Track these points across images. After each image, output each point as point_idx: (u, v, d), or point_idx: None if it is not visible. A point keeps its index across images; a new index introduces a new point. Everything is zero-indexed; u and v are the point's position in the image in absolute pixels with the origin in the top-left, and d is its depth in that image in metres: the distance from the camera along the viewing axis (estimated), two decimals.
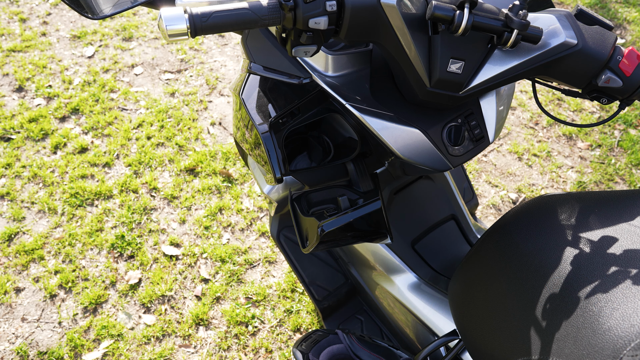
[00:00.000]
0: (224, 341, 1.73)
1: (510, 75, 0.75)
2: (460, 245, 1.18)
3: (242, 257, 1.97)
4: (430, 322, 1.05)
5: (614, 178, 2.31)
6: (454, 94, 0.75)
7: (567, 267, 0.69)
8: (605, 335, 0.58)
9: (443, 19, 0.67)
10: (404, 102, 0.82)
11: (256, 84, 0.96)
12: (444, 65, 0.71)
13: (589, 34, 0.73)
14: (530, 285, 0.72)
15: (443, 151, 0.82)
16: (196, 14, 0.63)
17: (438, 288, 1.09)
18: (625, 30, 3.12)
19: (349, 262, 1.31)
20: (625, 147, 2.44)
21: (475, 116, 0.83)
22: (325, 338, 1.04)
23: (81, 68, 2.75)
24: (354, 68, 0.84)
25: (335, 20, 0.68)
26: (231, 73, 2.78)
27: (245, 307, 1.82)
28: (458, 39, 0.71)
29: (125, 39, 2.95)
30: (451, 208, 1.19)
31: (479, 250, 0.86)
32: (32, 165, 2.24)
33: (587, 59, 0.72)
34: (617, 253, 0.67)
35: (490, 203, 2.20)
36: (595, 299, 0.62)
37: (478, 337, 0.79)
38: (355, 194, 0.92)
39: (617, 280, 0.63)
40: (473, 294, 0.83)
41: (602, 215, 0.74)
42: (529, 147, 2.44)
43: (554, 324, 0.65)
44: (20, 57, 2.78)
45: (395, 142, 0.80)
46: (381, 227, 0.89)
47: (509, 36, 0.69)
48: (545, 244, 0.74)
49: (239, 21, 0.65)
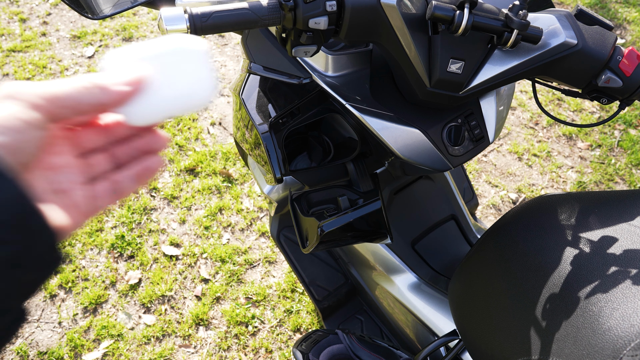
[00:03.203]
0: (224, 341, 1.73)
1: (510, 76, 0.74)
2: (460, 245, 1.18)
3: (242, 257, 1.97)
4: (430, 322, 1.05)
5: (614, 178, 2.31)
6: (454, 94, 0.75)
7: (567, 267, 0.69)
8: (605, 335, 0.58)
9: (443, 19, 0.67)
10: (404, 102, 0.82)
11: (256, 84, 0.96)
12: (444, 65, 0.71)
13: (589, 34, 0.73)
14: (530, 285, 0.71)
15: (443, 151, 0.82)
16: (196, 14, 0.63)
17: (438, 288, 1.09)
18: (625, 31, 3.12)
19: (349, 262, 1.31)
20: (625, 147, 2.44)
21: (475, 116, 0.83)
22: (325, 338, 1.04)
23: (81, 68, 2.74)
24: (354, 68, 0.84)
25: (335, 20, 0.68)
26: (231, 73, 2.77)
27: (245, 307, 1.82)
28: (458, 39, 0.71)
29: (126, 39, 2.94)
30: (451, 208, 1.19)
31: (479, 250, 0.86)
32: None
33: (587, 59, 0.72)
34: (617, 253, 0.67)
35: (490, 203, 2.20)
36: (595, 299, 0.62)
37: (478, 337, 0.79)
38: (355, 194, 0.92)
39: (617, 280, 0.63)
40: (473, 294, 0.83)
41: (602, 216, 0.74)
42: (529, 147, 2.44)
43: (554, 324, 0.65)
44: (20, 57, 2.77)
45: (395, 142, 0.80)
46: (381, 227, 0.89)
47: (509, 36, 0.68)
48: (545, 244, 0.74)
49: (239, 21, 0.65)
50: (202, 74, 0.41)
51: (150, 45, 0.40)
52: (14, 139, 0.33)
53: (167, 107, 0.41)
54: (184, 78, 0.40)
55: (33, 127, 0.35)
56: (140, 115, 0.40)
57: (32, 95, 0.35)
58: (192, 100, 0.41)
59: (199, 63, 0.41)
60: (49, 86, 0.36)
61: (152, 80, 0.39)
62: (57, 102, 0.36)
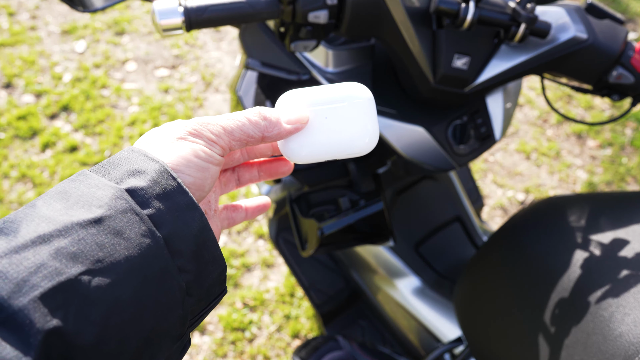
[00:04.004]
0: (220, 347, 1.69)
1: (518, 72, 0.73)
2: (465, 248, 1.17)
3: (239, 260, 1.93)
4: (435, 328, 1.04)
5: (626, 178, 2.27)
6: (459, 91, 0.73)
7: (577, 270, 0.67)
8: (616, 341, 0.56)
9: (448, 13, 0.65)
10: (407, 99, 0.81)
11: (253, 80, 0.94)
12: (449, 60, 0.70)
13: (599, 28, 0.71)
14: (539, 290, 0.70)
15: (448, 150, 0.80)
16: (191, 8, 0.62)
17: (442, 292, 1.08)
18: (637, 25, 3.07)
19: (350, 265, 1.29)
20: (637, 145, 2.40)
21: (481, 114, 0.82)
22: (325, 344, 1.03)
23: (71, 64, 2.67)
24: (356, 64, 0.83)
25: (335, 14, 0.67)
26: (227, 69, 2.73)
27: (242, 313, 1.78)
28: (463, 34, 0.69)
29: (118, 33, 2.87)
30: (456, 209, 1.17)
31: (485, 254, 0.85)
32: (21, 165, 2.18)
33: (597, 54, 0.71)
34: (629, 256, 0.65)
35: (496, 204, 2.17)
36: (606, 304, 0.61)
37: (484, 344, 0.78)
38: (356, 195, 0.90)
39: (629, 285, 0.61)
40: (479, 299, 0.82)
41: (613, 217, 0.72)
42: (537, 146, 2.40)
43: (563, 330, 0.63)
44: (8, 53, 2.69)
45: (398, 141, 0.79)
46: (384, 229, 0.88)
47: (516, 30, 0.67)
48: (554, 247, 0.73)
49: (236, 15, 0.64)
50: (365, 123, 0.43)
51: (321, 90, 0.44)
52: (199, 177, 0.37)
53: (328, 150, 0.43)
54: (348, 125, 0.43)
55: (213, 164, 0.38)
56: (299, 153, 0.43)
57: (212, 132, 0.38)
58: (353, 147, 0.44)
59: (363, 111, 0.43)
60: (221, 120, 0.39)
61: (317, 123, 0.43)
62: (230, 136, 0.39)
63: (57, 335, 0.28)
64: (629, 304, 0.59)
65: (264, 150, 0.48)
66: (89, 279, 0.30)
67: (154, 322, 0.33)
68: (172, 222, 0.34)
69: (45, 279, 0.29)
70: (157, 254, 0.33)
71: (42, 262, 0.29)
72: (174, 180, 0.35)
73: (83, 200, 0.33)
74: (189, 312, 0.36)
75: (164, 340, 0.34)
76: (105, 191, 0.33)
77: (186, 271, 0.35)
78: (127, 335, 0.31)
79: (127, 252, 0.32)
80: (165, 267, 0.33)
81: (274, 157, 0.49)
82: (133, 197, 0.33)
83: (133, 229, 0.32)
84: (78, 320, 0.29)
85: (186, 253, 0.34)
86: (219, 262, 0.38)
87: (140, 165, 0.35)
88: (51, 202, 0.33)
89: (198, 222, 0.35)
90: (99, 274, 0.30)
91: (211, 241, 0.36)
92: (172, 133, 0.38)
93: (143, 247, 0.32)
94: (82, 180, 0.34)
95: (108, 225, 0.32)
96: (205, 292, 0.37)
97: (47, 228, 0.31)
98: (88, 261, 0.30)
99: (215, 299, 0.39)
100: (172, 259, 0.34)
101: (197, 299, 0.36)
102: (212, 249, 0.37)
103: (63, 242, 0.30)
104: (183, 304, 0.35)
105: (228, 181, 0.49)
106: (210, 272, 0.37)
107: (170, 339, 0.35)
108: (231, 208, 0.50)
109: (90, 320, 0.29)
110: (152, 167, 0.35)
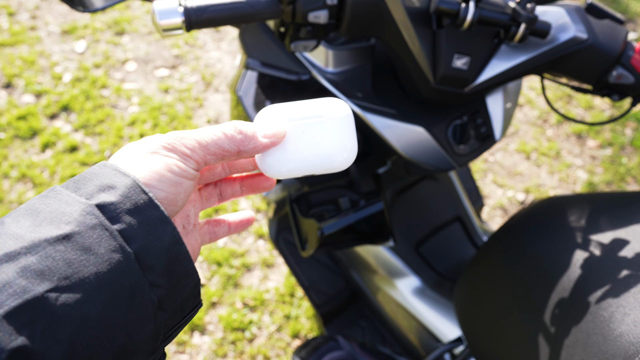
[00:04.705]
0: (220, 348, 1.69)
1: (518, 72, 0.73)
2: (465, 248, 1.16)
3: (238, 260, 1.93)
4: (435, 328, 1.03)
5: (626, 178, 2.27)
6: (459, 91, 0.73)
7: (577, 270, 0.67)
8: (616, 341, 0.56)
9: (448, 13, 0.65)
10: (407, 99, 0.81)
11: (253, 80, 0.94)
12: (449, 60, 0.70)
13: (599, 28, 0.71)
14: (539, 290, 0.70)
15: (448, 150, 0.80)
16: (191, 8, 0.62)
17: (442, 292, 1.08)
18: (637, 25, 3.07)
19: (350, 265, 1.29)
20: (638, 145, 2.39)
21: (481, 114, 0.82)
22: (325, 344, 1.03)
23: (71, 64, 2.66)
24: (356, 64, 0.82)
25: (335, 13, 0.67)
26: (227, 69, 2.72)
27: (243, 313, 1.78)
28: (463, 34, 0.69)
29: (118, 33, 2.86)
30: (456, 209, 1.17)
31: (486, 253, 0.84)
32: (21, 165, 2.17)
33: (597, 54, 0.70)
34: (629, 256, 0.65)
35: (496, 204, 2.16)
36: (606, 304, 0.60)
37: (484, 344, 0.78)
38: (356, 195, 0.90)
39: (629, 285, 0.61)
40: (479, 299, 0.81)
41: (613, 217, 0.72)
42: (537, 146, 2.40)
43: (563, 330, 0.63)
44: (8, 53, 2.69)
45: (398, 141, 0.79)
46: (384, 229, 0.88)
47: (516, 30, 0.67)
48: (554, 247, 0.72)
49: (236, 15, 0.64)
50: (343, 138, 0.43)
51: (300, 105, 0.43)
52: (171, 192, 0.36)
53: (305, 165, 0.43)
54: (326, 140, 0.43)
55: (187, 178, 0.37)
56: (277, 168, 0.43)
57: (186, 146, 0.38)
58: (331, 162, 0.43)
59: (341, 127, 0.43)
60: (196, 134, 0.38)
61: (295, 138, 0.42)
62: (205, 150, 0.38)
63: (23, 354, 0.28)
64: (629, 304, 0.58)
65: (246, 165, 0.47)
66: (56, 296, 0.29)
67: (124, 338, 0.32)
68: (143, 237, 0.33)
69: (10, 297, 0.28)
70: (127, 269, 0.32)
71: (7, 280, 0.29)
72: (145, 195, 0.34)
73: (52, 216, 0.32)
74: (161, 327, 0.35)
75: (136, 356, 0.33)
76: (74, 207, 0.33)
77: (158, 286, 0.34)
78: (97, 352, 0.31)
79: (95, 269, 0.31)
80: (135, 282, 0.33)
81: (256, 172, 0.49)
82: (103, 213, 0.33)
83: (102, 244, 0.32)
84: (45, 338, 0.29)
85: (158, 267, 0.34)
86: (193, 276, 0.37)
87: (111, 180, 0.34)
88: (20, 219, 0.32)
89: (170, 236, 0.35)
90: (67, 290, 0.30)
91: (184, 255, 0.36)
92: (146, 147, 0.37)
93: (113, 262, 0.32)
94: (52, 197, 0.34)
95: (77, 242, 0.31)
96: (179, 306, 0.36)
97: (14, 245, 0.30)
98: (55, 278, 0.30)
99: (189, 313, 0.39)
100: (143, 274, 0.33)
101: (171, 313, 0.36)
102: (185, 262, 0.36)
103: (30, 259, 0.30)
104: (155, 319, 0.34)
105: (210, 196, 0.48)
106: (184, 286, 0.36)
107: (142, 354, 0.34)
108: (214, 223, 0.49)
109: (57, 338, 0.29)
110: (123, 182, 0.34)
